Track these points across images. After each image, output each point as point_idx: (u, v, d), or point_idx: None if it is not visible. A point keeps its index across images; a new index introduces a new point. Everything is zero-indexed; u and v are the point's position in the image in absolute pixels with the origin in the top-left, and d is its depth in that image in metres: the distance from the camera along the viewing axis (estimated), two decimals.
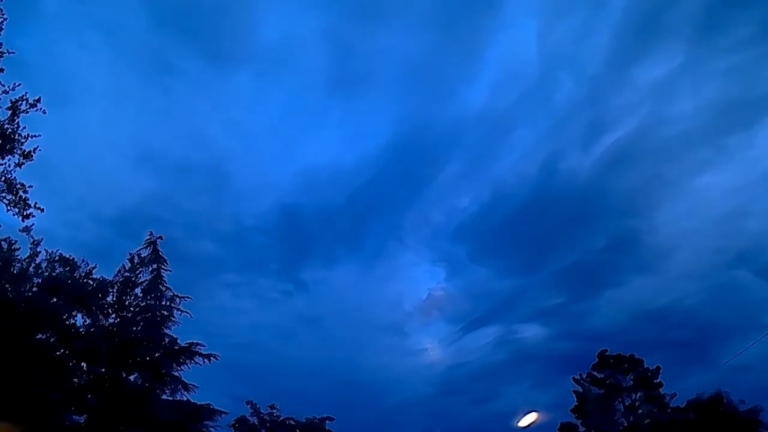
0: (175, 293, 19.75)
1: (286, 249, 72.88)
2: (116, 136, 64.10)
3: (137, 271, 19.50)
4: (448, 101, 69.66)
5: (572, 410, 29.99)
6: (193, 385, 19.16)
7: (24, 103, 13.35)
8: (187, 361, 19.24)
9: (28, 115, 13.51)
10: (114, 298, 18.84)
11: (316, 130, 76.94)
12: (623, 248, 63.38)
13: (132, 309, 19.04)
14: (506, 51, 64.62)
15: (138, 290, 19.42)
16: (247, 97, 71.31)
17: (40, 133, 13.70)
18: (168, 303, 19.58)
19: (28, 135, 13.58)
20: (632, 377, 29.09)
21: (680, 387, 28.40)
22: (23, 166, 13.55)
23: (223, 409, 19.65)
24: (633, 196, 62.91)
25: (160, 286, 19.67)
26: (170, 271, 20.16)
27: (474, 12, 61.29)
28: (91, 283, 18.13)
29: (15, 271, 16.95)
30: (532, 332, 63.41)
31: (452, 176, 74.84)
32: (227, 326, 57.26)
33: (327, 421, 25.27)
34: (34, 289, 17.09)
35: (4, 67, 12.90)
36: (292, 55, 73.30)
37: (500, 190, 67.88)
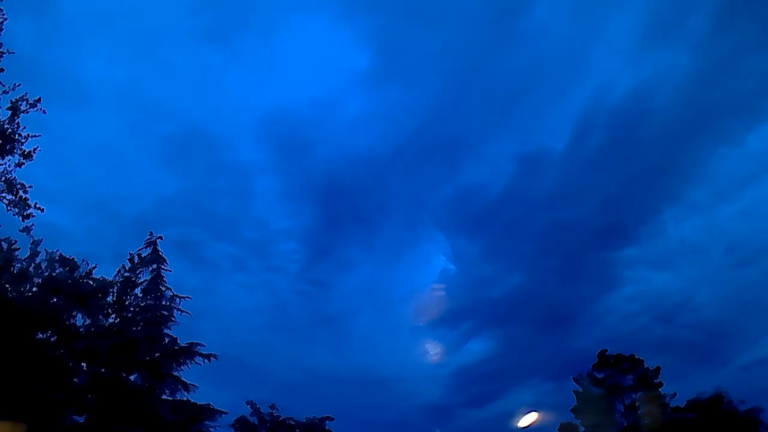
0: (175, 293, 19.82)
1: (306, 249, 72.74)
2: (145, 137, 63.75)
3: (137, 271, 19.52)
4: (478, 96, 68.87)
5: (572, 410, 30.01)
6: (193, 385, 19.20)
7: (24, 103, 13.38)
8: (187, 361, 19.27)
9: (28, 115, 13.54)
10: (114, 298, 18.84)
11: (347, 126, 75.28)
12: (643, 242, 62.74)
13: (132, 309, 19.05)
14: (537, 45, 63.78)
15: (138, 290, 19.45)
16: (279, 97, 71.03)
17: (41, 133, 13.75)
18: (168, 303, 19.60)
19: (28, 135, 13.60)
20: (632, 377, 29.11)
21: (680, 387, 28.47)
22: (23, 166, 13.59)
23: (222, 409, 19.73)
24: (646, 188, 62.14)
25: (160, 286, 19.70)
26: (170, 270, 20.25)
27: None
28: (91, 283, 18.10)
29: (15, 271, 16.94)
30: (537, 333, 63.13)
31: (470, 174, 74.29)
32: (241, 326, 57.49)
33: (327, 421, 25.25)
34: (34, 289, 17.08)
35: (4, 67, 12.94)
36: (329, 55, 73.41)
37: (513, 188, 67.38)
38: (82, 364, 17.55)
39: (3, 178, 13.44)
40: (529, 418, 19.80)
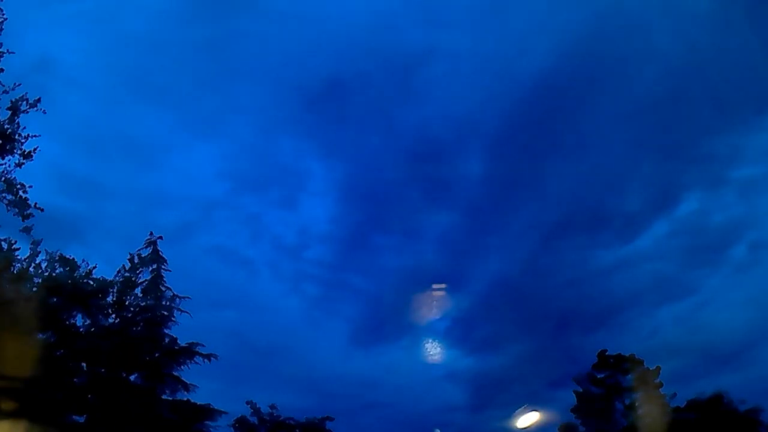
0: (175, 293, 19.86)
1: (338, 250, 72.27)
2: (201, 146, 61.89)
3: (137, 271, 19.55)
4: None
5: (572, 410, 29.99)
6: (193, 385, 19.25)
7: (24, 103, 13.41)
8: (187, 361, 19.32)
9: (27, 114, 13.58)
10: (114, 299, 18.87)
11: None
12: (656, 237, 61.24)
13: (132, 309, 19.08)
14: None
15: (138, 290, 19.47)
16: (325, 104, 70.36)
17: (40, 134, 13.79)
18: (168, 303, 19.64)
19: (28, 135, 13.65)
20: (632, 377, 29.10)
21: (680, 387, 28.39)
22: (22, 167, 13.63)
23: (222, 409, 19.76)
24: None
25: (160, 286, 19.73)
26: (170, 270, 20.27)
27: None
28: (91, 283, 18.12)
29: (15, 271, 16.95)
30: (546, 334, 62.38)
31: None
32: (258, 328, 57.43)
33: (327, 421, 25.25)
34: (34, 289, 17.09)
35: (3, 68, 12.98)
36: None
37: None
38: (82, 364, 17.58)
39: (3, 178, 13.48)
40: (529, 418, 19.77)
